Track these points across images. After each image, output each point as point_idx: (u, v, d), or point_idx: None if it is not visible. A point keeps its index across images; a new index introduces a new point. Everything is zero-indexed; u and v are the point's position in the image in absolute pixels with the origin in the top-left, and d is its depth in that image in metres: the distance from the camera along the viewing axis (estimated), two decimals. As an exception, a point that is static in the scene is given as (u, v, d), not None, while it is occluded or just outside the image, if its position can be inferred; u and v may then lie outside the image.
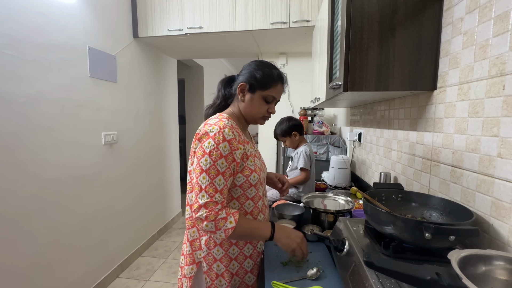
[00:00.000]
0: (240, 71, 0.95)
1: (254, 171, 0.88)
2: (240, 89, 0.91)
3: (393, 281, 0.56)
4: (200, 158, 0.80)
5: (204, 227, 0.77)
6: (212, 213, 0.77)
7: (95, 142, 2.00)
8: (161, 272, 2.36)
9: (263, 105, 0.92)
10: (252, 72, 0.90)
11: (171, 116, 3.26)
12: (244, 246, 0.92)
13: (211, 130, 0.81)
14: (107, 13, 2.10)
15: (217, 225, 0.77)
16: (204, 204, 0.77)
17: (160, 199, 3.03)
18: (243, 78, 0.91)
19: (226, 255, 0.89)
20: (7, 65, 1.41)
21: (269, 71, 0.90)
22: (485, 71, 0.71)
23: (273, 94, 0.91)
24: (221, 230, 0.78)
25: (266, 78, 0.89)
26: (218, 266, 0.89)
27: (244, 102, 0.92)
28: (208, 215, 0.76)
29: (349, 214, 1.19)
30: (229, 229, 0.78)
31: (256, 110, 0.92)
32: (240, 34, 2.29)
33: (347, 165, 1.90)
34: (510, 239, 0.63)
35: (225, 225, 0.78)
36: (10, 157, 1.43)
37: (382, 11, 0.92)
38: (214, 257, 0.89)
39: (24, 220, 1.50)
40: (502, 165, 0.66)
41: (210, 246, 0.89)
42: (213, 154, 0.79)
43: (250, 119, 0.96)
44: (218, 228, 0.77)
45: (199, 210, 0.78)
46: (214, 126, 0.82)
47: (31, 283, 1.54)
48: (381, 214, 0.70)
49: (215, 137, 0.80)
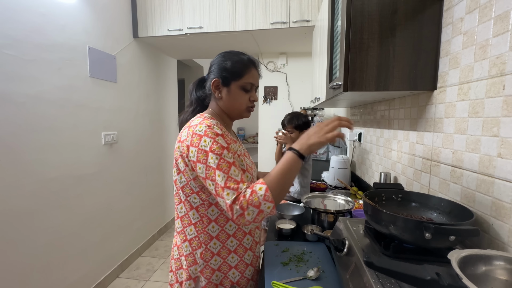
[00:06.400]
0: (209, 68, 0.89)
1: (246, 170, 0.84)
2: (214, 86, 0.85)
3: (393, 281, 0.56)
4: (206, 160, 0.72)
5: (248, 217, 0.68)
6: (242, 200, 0.68)
7: (95, 142, 2.00)
8: (161, 272, 2.36)
9: (243, 95, 0.86)
10: (221, 64, 0.84)
11: (171, 116, 3.26)
12: (244, 253, 0.87)
13: (199, 129, 0.75)
14: (107, 13, 2.10)
15: (255, 204, 0.67)
16: (233, 201, 0.68)
17: (160, 199, 3.03)
18: (214, 74, 0.85)
19: (225, 263, 0.85)
20: (7, 65, 1.41)
21: (238, 58, 0.85)
22: (485, 71, 0.71)
23: (250, 80, 0.85)
24: (261, 203, 0.68)
25: (237, 66, 0.83)
26: (217, 276, 0.85)
27: (222, 99, 0.86)
28: (241, 206, 0.67)
29: (349, 214, 1.19)
30: (265, 193, 0.68)
31: (238, 103, 0.86)
32: (240, 34, 2.29)
33: (347, 165, 1.90)
34: (510, 239, 0.63)
35: (259, 194, 0.68)
36: (10, 157, 1.43)
37: (382, 11, 0.92)
38: (212, 269, 0.84)
39: (24, 220, 1.50)
40: (502, 165, 0.65)
41: (206, 259, 0.83)
42: (214, 149, 0.72)
43: (234, 114, 0.89)
44: (258, 205, 0.67)
45: (233, 211, 0.68)
46: (201, 125, 0.76)
47: (31, 283, 1.54)
48: (381, 214, 0.70)
49: (207, 133, 0.74)
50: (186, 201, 0.83)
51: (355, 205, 1.35)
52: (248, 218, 0.68)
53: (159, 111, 2.95)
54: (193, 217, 0.83)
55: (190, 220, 0.83)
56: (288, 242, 1.07)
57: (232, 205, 0.68)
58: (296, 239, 1.10)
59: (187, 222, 0.84)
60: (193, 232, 0.83)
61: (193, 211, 0.82)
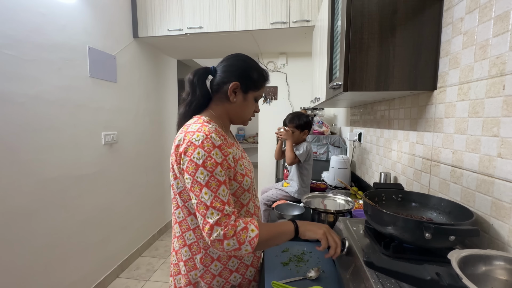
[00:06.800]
0: (222, 65, 0.84)
1: (245, 175, 0.82)
2: (232, 89, 0.82)
3: (393, 281, 0.56)
4: (194, 173, 0.69)
5: (226, 247, 0.67)
6: (229, 228, 0.67)
7: (95, 142, 2.00)
8: (161, 272, 2.36)
9: (253, 105, 0.87)
10: (246, 71, 0.83)
11: (171, 116, 3.26)
12: (244, 256, 0.86)
13: (196, 139, 0.71)
14: (107, 13, 2.10)
15: (239, 239, 0.67)
16: (216, 222, 0.67)
17: (160, 199, 3.03)
18: (235, 77, 0.81)
19: (225, 268, 0.83)
20: (7, 65, 1.41)
21: (261, 70, 0.86)
22: (485, 71, 0.71)
23: (262, 93, 0.88)
24: (245, 243, 0.68)
25: (260, 78, 0.85)
26: (218, 281, 0.83)
27: (235, 103, 0.84)
28: (226, 232, 0.67)
29: (349, 214, 1.19)
30: (254, 238, 0.69)
31: (247, 111, 0.87)
32: (240, 34, 2.29)
33: (347, 165, 1.90)
34: (510, 239, 0.63)
35: (248, 235, 0.68)
36: (10, 157, 1.43)
37: (382, 11, 0.92)
38: (212, 274, 0.82)
39: (24, 220, 1.50)
40: (502, 165, 0.66)
41: (206, 264, 0.81)
42: (207, 165, 0.69)
43: (237, 120, 0.89)
44: (242, 242, 0.68)
45: (212, 231, 0.67)
46: (198, 133, 0.72)
47: (31, 283, 1.54)
48: (381, 214, 0.70)
49: (203, 145, 0.70)
50: (184, 206, 0.80)
51: (355, 205, 1.35)
52: (225, 247, 0.68)
53: (159, 111, 2.95)
54: (192, 223, 0.81)
55: (188, 225, 0.81)
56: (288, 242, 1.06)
57: (214, 226, 0.67)
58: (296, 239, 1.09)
59: (186, 227, 0.82)
60: (192, 237, 0.81)
61: (191, 217, 0.80)
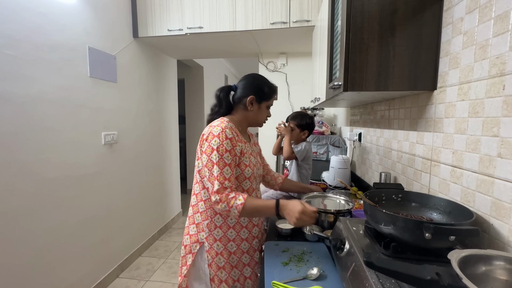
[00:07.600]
0: (241, 83, 1.12)
1: (248, 166, 1.06)
2: (249, 101, 1.08)
3: (393, 281, 0.56)
4: (210, 154, 0.98)
5: (220, 207, 0.94)
6: (224, 195, 0.94)
7: (95, 142, 2.00)
8: (161, 272, 2.36)
9: (265, 112, 1.16)
10: (260, 86, 1.11)
11: (171, 116, 3.26)
12: (240, 230, 1.08)
13: (215, 131, 0.99)
14: (107, 13, 2.10)
15: (229, 204, 0.93)
16: (217, 190, 0.94)
17: (160, 199, 3.03)
18: (252, 92, 1.09)
19: (225, 236, 1.06)
20: (7, 65, 1.41)
21: (270, 84, 1.14)
22: (485, 71, 0.71)
23: (272, 103, 1.16)
24: (233, 207, 0.93)
25: (270, 91, 1.13)
26: (218, 245, 1.06)
27: (253, 112, 1.11)
28: (221, 198, 0.94)
29: (349, 214, 1.19)
30: (239, 205, 0.93)
31: (261, 117, 1.15)
32: (240, 34, 2.28)
33: (347, 165, 1.90)
34: (510, 239, 0.63)
35: (235, 203, 0.93)
36: (10, 157, 1.43)
37: (382, 11, 0.92)
38: (214, 238, 1.06)
39: (24, 220, 1.50)
40: (502, 165, 0.66)
41: (211, 229, 1.06)
42: (220, 150, 0.97)
43: (254, 124, 1.15)
44: (230, 206, 0.93)
45: (213, 195, 0.95)
46: (217, 127, 1.00)
47: (31, 283, 1.54)
48: (381, 214, 0.70)
49: (219, 135, 0.98)
50: (200, 181, 1.06)
51: (355, 205, 1.35)
52: (219, 208, 0.95)
53: (159, 111, 2.95)
54: (204, 196, 1.07)
55: (202, 197, 1.07)
56: (288, 242, 1.07)
57: (215, 193, 0.95)
58: (296, 239, 1.10)
59: (200, 198, 1.08)
60: (203, 207, 1.07)
61: (204, 191, 1.06)
